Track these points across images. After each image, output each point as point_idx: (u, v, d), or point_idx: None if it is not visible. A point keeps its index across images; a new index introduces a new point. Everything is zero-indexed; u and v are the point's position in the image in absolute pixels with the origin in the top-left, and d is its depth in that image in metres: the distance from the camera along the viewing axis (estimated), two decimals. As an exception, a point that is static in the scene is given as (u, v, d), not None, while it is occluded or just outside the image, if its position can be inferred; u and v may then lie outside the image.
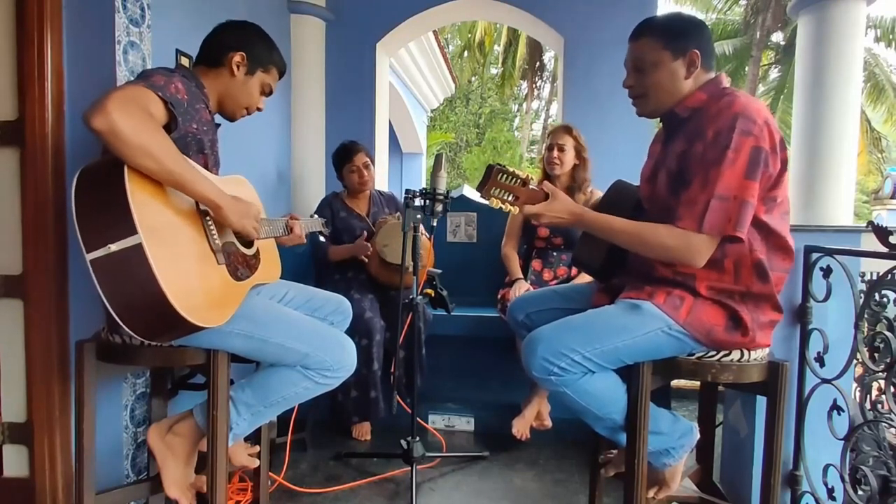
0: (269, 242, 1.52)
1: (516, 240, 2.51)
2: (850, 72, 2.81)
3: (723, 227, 1.16)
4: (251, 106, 1.46)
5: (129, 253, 1.02)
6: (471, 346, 2.63)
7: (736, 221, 1.15)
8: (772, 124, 1.17)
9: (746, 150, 1.14)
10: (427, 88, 6.46)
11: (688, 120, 1.28)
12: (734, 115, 1.16)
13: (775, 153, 1.18)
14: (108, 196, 1.05)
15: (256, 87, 1.44)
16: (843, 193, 2.84)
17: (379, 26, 3.08)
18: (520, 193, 1.31)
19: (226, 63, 1.38)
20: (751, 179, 1.15)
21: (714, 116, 1.19)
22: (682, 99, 1.28)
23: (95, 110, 1.01)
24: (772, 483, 1.30)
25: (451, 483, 1.99)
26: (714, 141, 1.16)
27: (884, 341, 1.37)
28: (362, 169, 2.52)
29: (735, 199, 1.15)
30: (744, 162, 1.14)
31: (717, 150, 1.15)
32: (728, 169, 1.14)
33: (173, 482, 1.36)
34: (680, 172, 1.24)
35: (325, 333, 1.40)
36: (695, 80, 1.28)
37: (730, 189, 1.14)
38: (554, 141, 2.38)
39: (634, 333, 1.24)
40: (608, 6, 2.81)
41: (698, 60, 1.26)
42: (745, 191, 1.15)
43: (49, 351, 1.50)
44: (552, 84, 15.18)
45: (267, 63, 1.44)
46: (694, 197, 1.18)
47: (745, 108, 1.16)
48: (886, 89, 10.59)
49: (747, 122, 1.15)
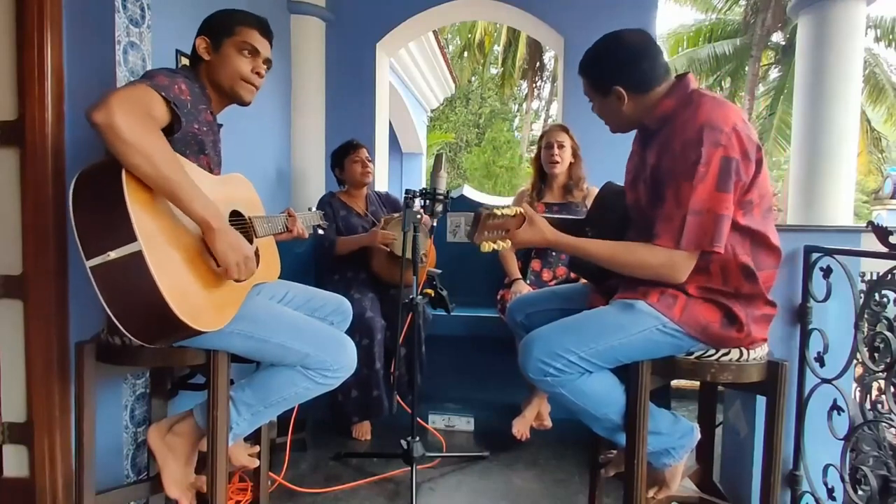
0: (268, 241, 1.52)
1: None
2: (850, 72, 2.81)
3: (700, 242, 1.16)
4: (243, 76, 1.39)
5: (128, 260, 1.02)
6: (471, 346, 2.63)
7: (712, 236, 1.15)
8: (741, 130, 1.15)
9: (716, 162, 1.13)
10: (427, 88, 6.46)
11: (658, 130, 1.27)
12: (700, 126, 1.14)
13: (747, 159, 1.16)
14: (106, 202, 1.04)
15: (233, 56, 1.37)
16: (843, 193, 2.85)
17: (379, 26, 3.08)
18: (509, 226, 1.30)
19: (199, 54, 1.37)
20: (723, 192, 1.14)
21: (681, 127, 1.18)
22: (649, 110, 1.28)
23: (97, 105, 1.02)
24: (772, 483, 1.30)
25: (451, 483, 1.99)
26: (682, 154, 1.16)
27: (884, 341, 1.37)
28: (365, 160, 2.55)
29: (709, 213, 1.14)
30: (714, 174, 1.13)
31: (687, 165, 1.15)
32: (700, 184, 1.13)
33: (173, 482, 1.36)
34: (655, 186, 1.24)
35: (326, 333, 1.40)
36: (636, 104, 1.28)
37: (703, 203, 1.14)
38: (553, 139, 2.40)
39: (629, 332, 1.23)
40: (608, 6, 2.81)
41: (625, 95, 1.27)
42: (719, 204, 1.14)
43: (49, 351, 1.50)
44: (552, 84, 15.19)
45: (229, 28, 1.38)
46: (669, 213, 1.17)
47: (709, 116, 1.15)
48: (886, 89, 10.59)
49: (714, 133, 1.13)
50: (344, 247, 2.44)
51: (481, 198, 3.11)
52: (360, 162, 2.54)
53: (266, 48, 1.43)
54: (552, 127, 2.49)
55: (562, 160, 2.39)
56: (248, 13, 1.42)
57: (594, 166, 2.46)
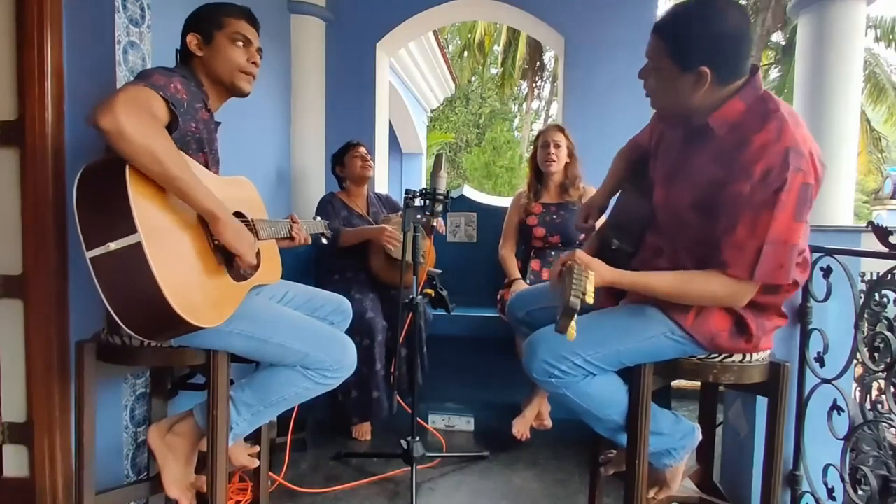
0: (270, 243, 1.52)
1: (513, 241, 2.52)
2: (850, 72, 2.81)
3: (774, 275, 1.10)
4: (240, 66, 1.39)
5: (128, 251, 1.02)
6: (471, 346, 2.63)
7: (787, 268, 1.10)
8: (815, 152, 1.10)
9: (796, 190, 1.06)
10: (427, 88, 6.45)
11: (723, 137, 1.15)
12: (786, 149, 1.06)
13: (818, 184, 1.11)
14: (109, 195, 1.05)
15: (225, 46, 1.37)
16: (843, 193, 2.85)
17: (379, 26, 3.08)
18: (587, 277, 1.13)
19: (191, 50, 1.37)
20: (800, 221, 1.09)
21: (761, 149, 1.08)
22: (714, 108, 1.15)
23: (102, 110, 1.02)
24: (772, 483, 1.31)
25: (451, 483, 1.99)
26: (763, 180, 1.07)
27: (884, 341, 1.36)
28: (365, 156, 2.58)
29: (785, 244, 1.08)
30: (793, 203, 1.07)
31: (768, 192, 1.06)
32: (780, 213, 1.06)
33: (173, 482, 1.36)
34: (714, 200, 1.14)
35: (326, 334, 1.40)
36: (706, 94, 1.14)
37: (781, 234, 1.07)
38: (549, 139, 2.42)
39: (637, 337, 1.23)
40: (609, 6, 2.80)
41: (707, 79, 1.12)
42: (795, 234, 1.09)
43: (49, 351, 1.50)
44: (552, 84, 15.17)
45: (218, 20, 1.37)
46: (742, 242, 1.09)
47: (794, 139, 1.07)
48: (886, 89, 10.57)
49: (798, 157, 1.06)
50: (348, 239, 2.41)
51: (481, 198, 3.11)
52: (359, 157, 2.56)
53: (255, 37, 1.43)
54: (548, 127, 2.51)
55: (558, 159, 2.41)
56: (232, 4, 1.42)
57: (594, 166, 2.46)
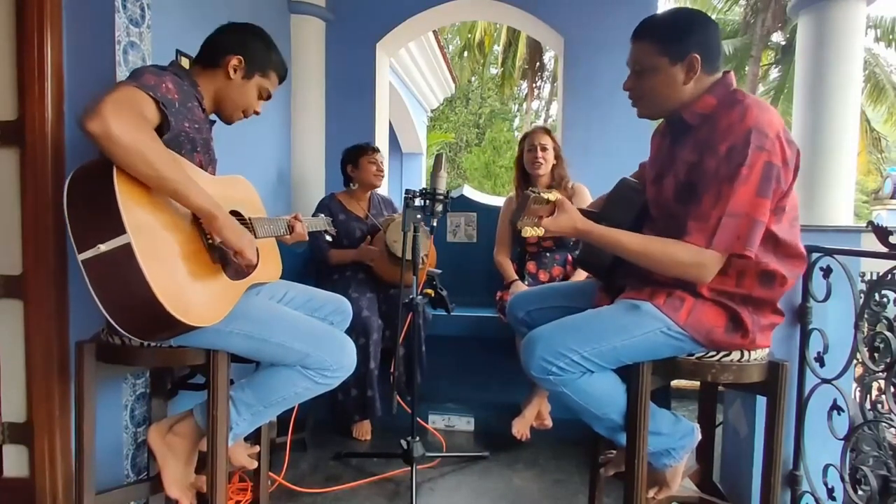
0: (269, 242, 1.52)
1: (507, 246, 2.54)
2: (850, 72, 2.82)
3: (732, 245, 1.14)
4: (248, 109, 1.44)
5: (118, 252, 1.02)
6: (471, 346, 2.63)
7: (746, 239, 1.13)
8: (783, 136, 1.15)
9: (759, 167, 1.12)
10: (427, 88, 6.46)
11: (697, 127, 1.24)
12: (748, 129, 1.13)
13: (787, 166, 1.15)
14: (97, 197, 1.05)
15: (254, 91, 1.42)
16: (843, 193, 2.85)
17: (379, 26, 3.08)
18: (543, 213, 1.27)
19: (222, 65, 1.37)
20: (762, 197, 1.13)
21: (726, 130, 1.15)
22: (689, 103, 1.24)
23: (90, 114, 1.00)
24: (772, 483, 1.30)
25: (451, 483, 1.99)
26: (727, 157, 1.14)
27: (884, 341, 1.37)
28: (380, 164, 2.58)
29: (746, 217, 1.13)
30: (756, 179, 1.12)
31: (731, 167, 1.13)
32: (741, 186, 1.12)
33: (173, 482, 1.36)
34: (689, 184, 1.21)
35: (325, 333, 1.40)
36: (696, 83, 1.23)
37: (741, 206, 1.12)
38: (536, 142, 2.42)
39: (633, 334, 1.23)
40: (608, 6, 2.81)
41: (698, 65, 1.21)
42: (757, 209, 1.13)
43: (49, 351, 1.50)
44: (552, 84, 15.18)
45: (265, 67, 1.42)
46: (705, 213, 1.15)
47: (757, 120, 1.13)
48: (886, 89, 10.58)
49: (761, 137, 1.12)
50: (337, 259, 2.49)
51: (481, 198, 3.11)
52: (375, 164, 2.56)
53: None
54: (534, 129, 2.50)
55: (545, 162, 2.41)
56: (281, 57, 1.46)
57: (594, 166, 2.46)
